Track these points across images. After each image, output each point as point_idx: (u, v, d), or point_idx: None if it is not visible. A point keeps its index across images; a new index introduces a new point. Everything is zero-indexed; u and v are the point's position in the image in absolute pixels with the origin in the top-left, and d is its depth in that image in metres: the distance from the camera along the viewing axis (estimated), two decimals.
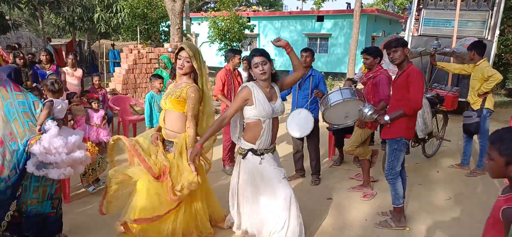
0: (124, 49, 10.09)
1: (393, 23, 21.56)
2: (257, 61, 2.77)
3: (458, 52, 6.23)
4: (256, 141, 2.85)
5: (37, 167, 2.80)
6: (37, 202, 2.91)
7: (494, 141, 1.59)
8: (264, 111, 2.77)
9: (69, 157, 2.91)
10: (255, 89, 2.79)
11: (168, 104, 2.96)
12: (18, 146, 2.80)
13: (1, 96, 2.86)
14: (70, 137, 2.98)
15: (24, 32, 19.46)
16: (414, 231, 3.45)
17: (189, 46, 2.92)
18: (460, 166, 5.18)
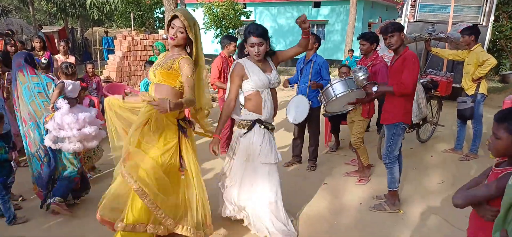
0: (118, 36, 9.97)
1: (389, 9, 21.48)
2: (253, 42, 2.73)
3: (452, 37, 6.24)
4: (262, 110, 2.86)
5: (53, 141, 3.22)
6: (66, 168, 3.42)
7: (501, 120, 1.61)
8: (260, 81, 2.78)
9: (80, 132, 3.23)
10: (247, 63, 2.81)
11: (157, 76, 2.52)
12: (38, 124, 3.27)
13: (20, 81, 3.24)
14: (81, 114, 3.28)
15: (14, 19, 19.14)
16: (408, 214, 3.51)
17: (184, 14, 2.47)
18: (454, 151, 5.24)
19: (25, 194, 3.85)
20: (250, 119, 2.89)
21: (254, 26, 2.79)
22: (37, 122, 3.28)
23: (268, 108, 2.87)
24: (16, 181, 3.55)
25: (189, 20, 2.46)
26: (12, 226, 3.25)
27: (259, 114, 2.88)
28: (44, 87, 3.35)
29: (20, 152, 4.86)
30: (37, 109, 3.27)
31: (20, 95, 3.28)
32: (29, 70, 3.30)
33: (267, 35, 2.81)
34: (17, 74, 3.29)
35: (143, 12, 16.18)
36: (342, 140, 5.69)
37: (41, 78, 3.37)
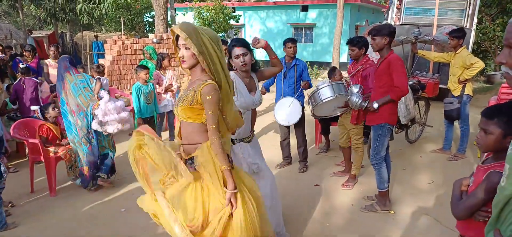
0: (108, 40, 9.91)
1: (376, 13, 21.75)
2: (238, 53, 2.70)
3: (438, 40, 6.38)
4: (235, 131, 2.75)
5: (100, 125, 3.87)
6: (105, 149, 4.13)
7: (490, 115, 1.65)
8: (245, 103, 2.74)
9: (118, 116, 3.90)
10: (237, 80, 2.72)
11: (181, 114, 2.11)
12: (86, 113, 3.90)
13: (68, 80, 3.91)
14: (117, 102, 4.04)
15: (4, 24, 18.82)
16: (398, 214, 3.57)
17: (181, 26, 2.01)
18: (442, 151, 5.34)
19: (14, 200, 3.83)
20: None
21: (236, 38, 2.82)
22: (85, 111, 3.91)
23: (241, 129, 2.70)
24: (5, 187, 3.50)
25: (188, 30, 1.98)
26: (3, 233, 3.22)
27: (232, 134, 2.66)
28: (87, 82, 4.03)
29: (10, 158, 4.82)
30: (84, 101, 3.92)
31: (68, 91, 3.91)
32: (74, 71, 4.00)
33: (250, 46, 2.78)
34: (65, 75, 3.93)
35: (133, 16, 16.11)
36: (332, 141, 5.74)
37: (84, 75, 4.08)
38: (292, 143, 4.83)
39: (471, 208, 1.71)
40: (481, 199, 1.67)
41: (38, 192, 4.08)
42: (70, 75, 3.95)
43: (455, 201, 1.81)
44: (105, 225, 3.37)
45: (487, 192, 1.64)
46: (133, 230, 3.29)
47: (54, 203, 3.84)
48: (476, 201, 1.68)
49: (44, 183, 4.12)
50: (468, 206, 1.72)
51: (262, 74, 2.94)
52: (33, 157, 4.13)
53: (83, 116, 3.91)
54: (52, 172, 3.99)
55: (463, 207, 1.75)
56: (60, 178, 4.20)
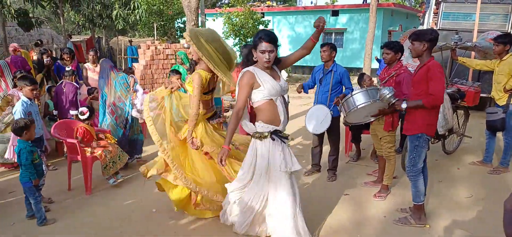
0: (141, 45, 10.23)
1: (410, 17, 21.12)
2: (264, 48, 2.63)
3: (480, 46, 6.06)
4: (280, 122, 2.77)
5: (138, 112, 4.77)
6: (135, 133, 5.07)
7: None
8: (274, 89, 2.69)
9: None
10: (257, 71, 2.71)
11: (188, 87, 3.23)
12: (125, 103, 4.84)
13: (112, 77, 4.83)
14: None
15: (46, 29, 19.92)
16: (434, 228, 3.40)
17: (188, 31, 3.07)
18: (482, 163, 5.06)
19: (53, 196, 4.00)
20: (267, 131, 2.76)
21: (265, 32, 2.72)
22: (124, 102, 4.84)
23: (284, 116, 2.78)
24: (45, 184, 3.71)
25: (190, 34, 3.06)
26: (42, 227, 3.37)
27: (276, 125, 2.76)
28: (126, 79, 4.91)
29: (48, 157, 5.05)
30: (123, 94, 4.83)
31: (111, 86, 4.81)
32: (116, 70, 4.94)
33: (277, 42, 2.73)
34: (110, 73, 4.84)
35: (165, 22, 16.55)
36: (363, 149, 5.60)
37: (123, 74, 5.00)
38: (323, 151, 4.73)
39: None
40: None
41: (75, 190, 4.24)
42: (113, 73, 4.84)
43: (509, 221, 1.69)
44: (137, 225, 3.44)
45: None
46: (164, 231, 3.34)
47: (89, 201, 3.98)
48: None
49: (80, 182, 4.27)
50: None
51: (285, 61, 2.91)
52: (71, 156, 4.30)
53: (123, 106, 4.85)
54: (88, 172, 4.13)
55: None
56: (96, 178, 4.33)
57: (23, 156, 3.27)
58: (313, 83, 4.53)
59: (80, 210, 3.75)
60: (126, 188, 4.34)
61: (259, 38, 2.66)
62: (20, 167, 3.37)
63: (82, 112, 4.41)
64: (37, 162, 3.37)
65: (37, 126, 4.03)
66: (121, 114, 4.87)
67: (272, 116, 2.75)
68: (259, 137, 2.78)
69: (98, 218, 3.58)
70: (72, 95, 5.24)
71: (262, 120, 2.76)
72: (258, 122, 2.79)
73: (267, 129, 2.75)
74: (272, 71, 2.79)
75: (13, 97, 4.85)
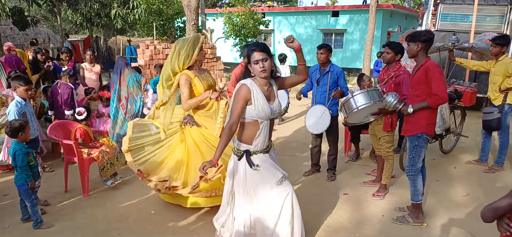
0: (140, 45, 10.21)
1: (409, 18, 21.16)
2: (257, 58, 2.53)
3: (477, 47, 6.09)
4: (253, 142, 2.63)
5: (148, 108, 5.28)
6: None
7: None
8: (263, 111, 2.56)
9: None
10: (254, 88, 2.56)
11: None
12: (136, 100, 5.11)
13: (126, 73, 5.04)
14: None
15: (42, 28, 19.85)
16: (431, 227, 3.42)
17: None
18: (478, 162, 5.08)
19: (49, 199, 3.97)
20: (240, 149, 2.68)
21: (255, 43, 2.65)
22: (134, 98, 5.09)
23: (260, 139, 2.63)
24: (41, 186, 3.67)
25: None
26: (37, 230, 3.35)
27: (249, 145, 2.65)
28: (138, 78, 5.23)
29: (44, 158, 5.03)
30: (136, 91, 5.10)
31: (124, 82, 5.04)
32: (129, 67, 5.20)
33: (270, 51, 2.63)
34: (124, 70, 5.05)
35: (165, 21, 16.46)
36: (362, 149, 5.61)
37: (135, 72, 5.32)
38: (322, 151, 4.74)
39: (496, 210, 1.63)
40: (508, 203, 1.57)
41: (72, 192, 4.21)
42: (127, 69, 5.10)
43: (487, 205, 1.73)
44: (135, 226, 3.43)
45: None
46: (163, 232, 3.34)
47: (86, 203, 3.96)
48: (503, 204, 1.60)
49: (77, 184, 4.25)
50: (494, 208, 1.65)
51: (282, 82, 2.77)
52: (68, 158, 4.28)
53: (133, 102, 5.11)
54: (85, 173, 4.11)
55: (490, 207, 1.68)
56: (92, 179, 4.32)
57: (18, 158, 3.23)
58: (311, 84, 4.55)
59: (77, 213, 3.72)
60: (124, 189, 4.32)
61: (250, 50, 2.59)
62: (15, 169, 3.31)
63: (79, 112, 4.38)
64: (32, 164, 3.33)
65: (32, 127, 4.00)
66: (131, 109, 5.12)
67: (249, 136, 2.64)
68: (236, 154, 2.72)
69: (95, 221, 3.56)
70: (67, 95, 5.19)
71: (240, 137, 2.69)
72: (236, 138, 2.73)
73: (241, 147, 2.66)
74: (270, 89, 2.68)
75: (8, 97, 4.80)
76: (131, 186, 4.41)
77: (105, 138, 4.65)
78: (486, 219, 1.70)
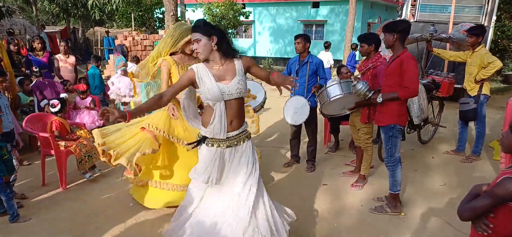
0: (118, 36, 9.99)
1: (389, 9, 21.46)
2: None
3: (454, 38, 6.21)
4: (208, 126, 2.45)
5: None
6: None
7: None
8: (210, 93, 2.34)
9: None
10: (201, 69, 2.38)
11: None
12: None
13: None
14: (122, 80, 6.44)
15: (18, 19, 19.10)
16: (409, 216, 3.49)
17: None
18: (456, 152, 5.21)
19: (26, 192, 3.87)
20: (201, 134, 2.55)
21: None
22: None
23: (215, 125, 2.41)
24: (18, 179, 3.58)
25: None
26: (14, 224, 3.26)
27: (205, 129, 2.48)
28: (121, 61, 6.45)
29: (21, 151, 4.88)
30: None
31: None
32: (117, 54, 5.93)
33: (211, 29, 2.37)
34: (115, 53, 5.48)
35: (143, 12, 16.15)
36: (341, 140, 5.67)
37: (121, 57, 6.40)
38: (302, 142, 4.77)
39: (475, 210, 1.64)
40: (488, 204, 1.60)
41: (50, 185, 4.11)
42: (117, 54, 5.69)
43: (464, 202, 1.75)
44: (114, 220, 3.37)
45: (495, 198, 1.57)
46: (141, 225, 3.30)
47: (64, 196, 3.87)
48: (482, 204, 1.62)
49: (55, 177, 4.15)
50: (472, 207, 1.66)
51: (250, 66, 2.51)
52: (45, 150, 4.17)
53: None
54: (63, 166, 4.01)
55: (468, 207, 1.68)
56: (70, 172, 4.22)
57: None
58: (289, 74, 4.54)
59: (55, 206, 3.64)
60: (103, 182, 4.25)
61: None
62: None
63: (53, 104, 4.26)
64: (6, 157, 3.22)
65: (7, 120, 3.89)
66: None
67: (206, 121, 2.47)
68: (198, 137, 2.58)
69: (73, 214, 3.48)
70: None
71: (202, 122, 2.53)
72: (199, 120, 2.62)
73: (202, 131, 2.52)
74: (226, 68, 2.42)
75: None
76: (110, 178, 4.33)
77: (82, 131, 4.54)
78: (464, 218, 1.71)
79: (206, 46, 2.36)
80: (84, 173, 4.20)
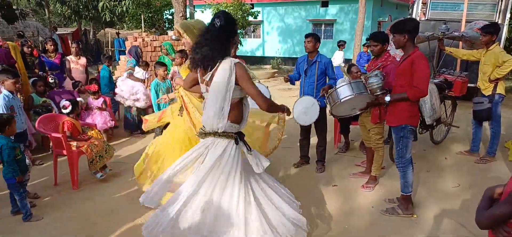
0: (128, 37, 10.07)
1: (400, 8, 21.19)
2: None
3: (467, 36, 6.08)
4: (241, 122, 2.61)
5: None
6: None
7: None
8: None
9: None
10: None
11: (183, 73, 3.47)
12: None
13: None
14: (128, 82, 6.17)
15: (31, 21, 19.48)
16: (422, 218, 3.43)
17: (179, 24, 3.19)
18: (469, 153, 5.11)
19: (39, 191, 3.93)
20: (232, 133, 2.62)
21: None
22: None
23: (204, 114, 2.58)
24: (31, 179, 3.64)
25: (182, 27, 3.16)
26: (27, 223, 3.31)
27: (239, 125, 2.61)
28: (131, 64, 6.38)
29: (34, 151, 4.95)
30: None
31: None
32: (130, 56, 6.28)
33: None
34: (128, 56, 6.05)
35: (153, 14, 16.28)
36: (352, 141, 5.62)
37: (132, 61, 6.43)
38: (312, 143, 4.73)
39: (496, 218, 1.58)
40: (509, 211, 1.54)
41: (62, 184, 4.16)
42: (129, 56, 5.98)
43: (481, 208, 1.69)
44: (124, 219, 3.39)
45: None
46: None
47: (76, 196, 3.91)
48: (502, 212, 1.55)
49: (67, 177, 4.20)
50: (492, 215, 1.59)
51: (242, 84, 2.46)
52: (57, 151, 4.22)
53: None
54: (74, 166, 4.06)
55: (488, 215, 1.62)
56: (81, 172, 4.25)
57: (4, 152, 3.18)
58: (298, 74, 4.51)
59: (66, 205, 3.68)
60: (114, 182, 4.28)
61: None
62: (2, 163, 3.27)
63: (64, 106, 4.31)
64: (19, 158, 3.29)
65: (20, 120, 3.94)
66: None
67: (241, 116, 2.61)
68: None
69: (84, 213, 3.51)
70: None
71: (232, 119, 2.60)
72: None
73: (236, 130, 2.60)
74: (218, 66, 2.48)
75: None
76: (121, 178, 4.36)
77: (93, 131, 4.58)
78: (483, 226, 1.65)
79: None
80: (95, 173, 4.23)
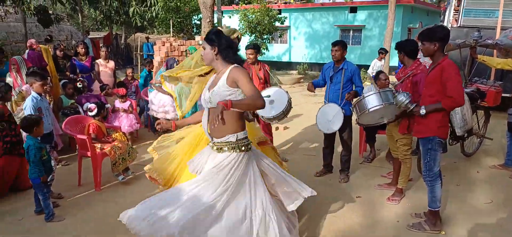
0: (157, 42, 10.29)
1: (431, 14, 20.55)
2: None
3: (502, 44, 5.78)
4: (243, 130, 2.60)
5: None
6: None
7: None
8: (202, 96, 2.64)
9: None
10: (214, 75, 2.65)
11: None
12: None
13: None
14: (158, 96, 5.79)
15: (66, 25, 20.36)
16: (450, 235, 3.24)
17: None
18: (504, 167, 4.82)
19: (63, 192, 4.03)
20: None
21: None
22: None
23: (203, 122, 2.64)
24: (56, 179, 3.75)
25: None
26: (49, 223, 3.39)
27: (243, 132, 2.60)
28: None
29: (61, 152, 5.11)
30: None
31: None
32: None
33: (216, 39, 2.49)
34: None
35: (182, 19, 16.61)
36: (378, 150, 5.44)
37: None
38: (335, 151, 4.61)
39: None
40: None
41: (85, 185, 4.26)
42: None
43: None
44: None
45: None
46: None
47: (98, 197, 3.99)
48: None
49: (90, 178, 4.28)
50: None
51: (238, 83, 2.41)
52: (82, 152, 4.33)
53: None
54: (98, 168, 4.15)
55: None
56: (104, 173, 4.33)
57: (31, 152, 3.29)
58: (324, 81, 4.41)
59: (88, 206, 3.76)
60: (135, 184, 4.34)
61: None
62: (28, 163, 3.38)
63: (89, 108, 4.42)
64: (45, 158, 3.39)
65: (47, 122, 4.07)
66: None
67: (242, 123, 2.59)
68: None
69: (105, 215, 3.57)
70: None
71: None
72: None
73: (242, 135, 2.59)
74: (219, 74, 2.52)
75: (27, 92, 4.92)
76: (142, 181, 4.40)
77: (117, 133, 4.67)
78: None
79: (208, 54, 2.54)
80: (117, 175, 4.31)
